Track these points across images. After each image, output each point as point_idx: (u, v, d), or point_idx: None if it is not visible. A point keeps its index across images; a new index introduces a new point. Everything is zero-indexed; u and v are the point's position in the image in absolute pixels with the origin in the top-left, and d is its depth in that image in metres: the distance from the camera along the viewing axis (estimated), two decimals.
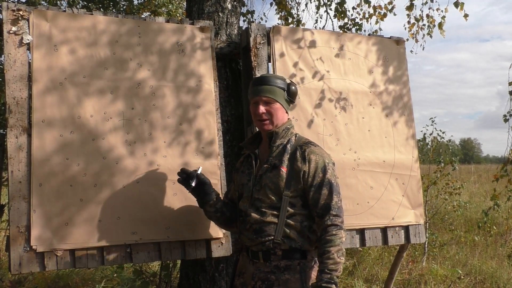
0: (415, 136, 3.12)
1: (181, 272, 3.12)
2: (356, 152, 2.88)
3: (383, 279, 4.49)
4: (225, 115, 2.95)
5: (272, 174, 2.01)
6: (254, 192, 2.05)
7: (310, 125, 2.79)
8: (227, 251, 2.56)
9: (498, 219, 7.25)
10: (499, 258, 5.61)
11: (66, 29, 2.38)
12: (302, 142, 2.07)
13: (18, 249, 2.16)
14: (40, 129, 2.26)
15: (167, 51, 2.58)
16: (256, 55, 2.75)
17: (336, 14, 5.49)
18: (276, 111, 2.05)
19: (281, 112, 2.07)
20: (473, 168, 14.23)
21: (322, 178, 1.97)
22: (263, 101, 2.05)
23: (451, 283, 4.59)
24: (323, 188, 1.96)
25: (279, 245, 1.96)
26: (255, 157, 2.12)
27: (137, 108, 2.46)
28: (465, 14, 4.69)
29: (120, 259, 2.35)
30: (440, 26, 4.95)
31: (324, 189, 1.96)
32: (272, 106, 2.05)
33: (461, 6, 4.53)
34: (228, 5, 3.11)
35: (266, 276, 1.96)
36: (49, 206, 2.22)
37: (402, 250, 3.23)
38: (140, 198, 2.39)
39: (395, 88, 3.09)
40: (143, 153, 2.43)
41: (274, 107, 2.05)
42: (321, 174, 1.98)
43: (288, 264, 1.96)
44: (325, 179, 1.97)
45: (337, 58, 2.96)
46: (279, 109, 2.06)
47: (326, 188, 1.96)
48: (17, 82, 2.27)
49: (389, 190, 2.93)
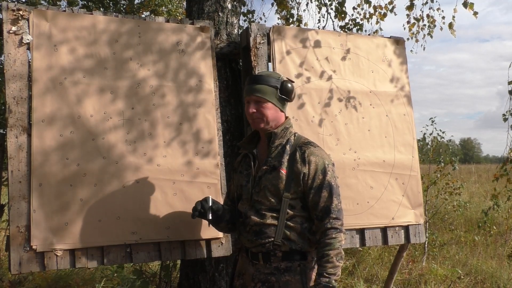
0: (415, 136, 3.12)
1: (181, 272, 3.12)
2: (356, 152, 2.88)
3: (383, 279, 4.49)
4: (225, 115, 2.95)
5: (271, 176, 1.98)
6: (253, 194, 2.02)
7: (310, 125, 2.79)
8: (227, 251, 2.56)
9: (498, 219, 7.25)
10: (499, 258, 5.60)
11: (66, 28, 2.38)
12: (301, 142, 2.03)
13: (18, 249, 2.16)
14: (40, 128, 2.26)
15: (167, 51, 2.58)
16: (256, 55, 2.75)
17: (337, 14, 5.49)
18: (266, 111, 1.99)
19: (273, 112, 2.01)
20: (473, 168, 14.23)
21: (322, 180, 1.95)
22: (253, 101, 2.00)
23: (451, 283, 4.59)
24: (322, 190, 1.94)
25: (279, 246, 1.95)
26: (253, 157, 2.08)
27: (137, 107, 2.46)
28: (475, 12, 4.67)
29: (120, 259, 2.35)
30: (450, 26, 4.92)
31: (324, 192, 1.94)
32: (263, 106, 1.99)
33: (470, 6, 4.51)
34: (228, 4, 3.11)
35: (266, 277, 1.95)
36: (49, 206, 2.23)
37: (402, 250, 3.23)
38: (140, 198, 2.39)
39: (395, 88, 3.09)
40: (143, 153, 2.43)
41: (265, 107, 1.99)
42: (321, 176, 1.95)
43: (288, 266, 1.94)
44: (325, 181, 1.95)
45: (337, 58, 2.96)
46: (270, 109, 2.00)
47: (326, 191, 1.94)
48: (17, 82, 2.27)
49: (389, 190, 2.93)
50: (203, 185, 2.53)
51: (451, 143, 6.91)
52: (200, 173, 2.54)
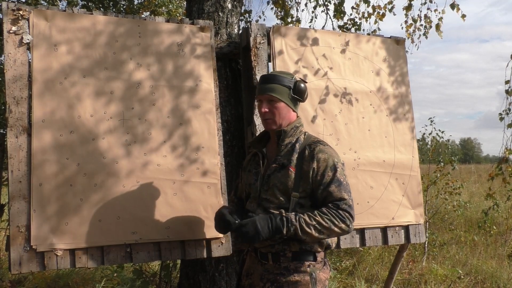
0: (415, 136, 3.13)
1: (181, 272, 3.12)
2: (356, 152, 2.88)
3: (383, 279, 4.49)
4: (225, 115, 2.95)
5: (280, 174, 1.96)
6: (262, 192, 2.00)
7: (310, 124, 2.79)
8: (227, 251, 2.56)
9: (498, 219, 7.25)
10: (499, 258, 5.61)
11: (66, 29, 2.38)
12: (311, 141, 2.01)
13: (18, 248, 2.16)
14: (40, 128, 2.26)
15: (167, 51, 2.58)
16: (256, 55, 2.75)
17: (336, 14, 5.49)
18: (279, 110, 1.98)
19: (285, 111, 2.00)
20: (473, 168, 14.23)
21: (332, 177, 1.91)
22: (266, 100, 2.00)
23: (451, 283, 4.59)
24: (331, 185, 1.89)
25: (289, 246, 1.92)
26: (263, 156, 2.07)
27: (137, 107, 2.46)
28: (463, 15, 4.72)
29: (120, 259, 2.35)
30: (437, 28, 4.96)
31: (333, 186, 1.89)
32: (275, 105, 1.98)
33: (457, 8, 4.57)
34: (228, 4, 3.11)
35: (276, 277, 1.92)
36: (49, 205, 2.23)
37: (402, 250, 3.23)
38: (140, 198, 2.39)
39: (395, 88, 3.09)
40: (143, 153, 2.43)
41: (277, 106, 1.98)
42: (330, 173, 1.91)
43: (298, 266, 1.91)
44: (334, 177, 1.91)
45: (337, 57, 2.96)
46: (282, 108, 1.99)
47: (335, 186, 1.90)
48: (17, 82, 2.27)
49: (389, 190, 2.93)
50: (203, 185, 2.53)
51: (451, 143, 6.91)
52: (200, 173, 2.54)
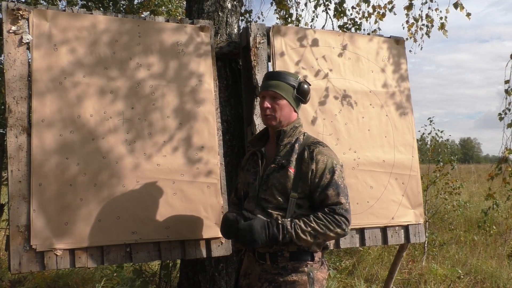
0: (415, 136, 3.13)
1: (181, 272, 3.12)
2: (356, 152, 2.88)
3: (383, 278, 4.49)
4: (225, 114, 2.95)
5: (279, 175, 1.95)
6: (260, 192, 1.99)
7: (310, 124, 2.79)
8: (227, 251, 2.56)
9: (497, 219, 7.25)
10: (499, 258, 5.61)
11: (66, 28, 2.38)
12: (310, 142, 2.01)
13: (18, 248, 2.16)
14: (40, 128, 2.26)
15: (167, 51, 2.58)
16: (256, 55, 2.75)
17: (336, 13, 5.49)
18: (281, 108, 1.98)
19: (287, 110, 2.00)
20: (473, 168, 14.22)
21: (330, 180, 1.91)
22: (269, 96, 2.00)
23: (451, 282, 4.59)
24: (329, 189, 1.90)
25: (287, 246, 1.92)
26: (261, 155, 2.06)
27: (137, 107, 2.46)
28: (468, 13, 4.69)
29: (120, 258, 2.35)
30: (442, 27, 4.94)
31: (331, 190, 1.90)
32: (278, 102, 1.98)
33: (461, 7, 4.54)
34: (228, 4, 3.11)
35: (273, 277, 1.92)
36: (49, 205, 2.23)
37: (402, 250, 3.23)
38: (140, 198, 2.39)
39: (395, 88, 3.09)
40: (143, 153, 2.43)
41: (280, 103, 1.98)
42: (328, 175, 1.92)
43: (295, 266, 1.91)
44: (332, 180, 1.91)
45: (337, 57, 2.96)
46: (284, 106, 1.99)
47: (332, 189, 1.90)
48: (17, 81, 2.27)
49: (389, 189, 2.93)
50: (203, 185, 2.53)
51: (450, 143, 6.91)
52: (200, 173, 2.54)
